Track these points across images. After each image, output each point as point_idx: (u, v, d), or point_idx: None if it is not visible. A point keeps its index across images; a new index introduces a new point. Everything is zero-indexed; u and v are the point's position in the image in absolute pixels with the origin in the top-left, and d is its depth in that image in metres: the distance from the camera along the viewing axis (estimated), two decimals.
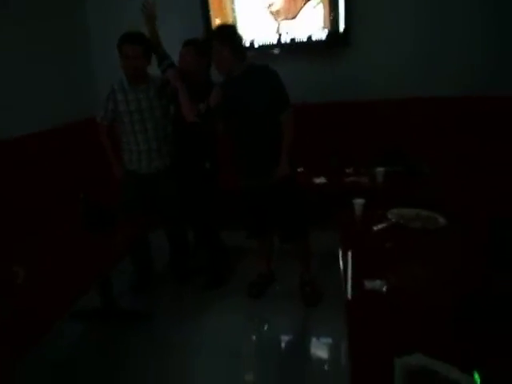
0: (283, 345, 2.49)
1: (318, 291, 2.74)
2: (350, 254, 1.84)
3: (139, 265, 2.94)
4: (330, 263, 2.92)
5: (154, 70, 2.73)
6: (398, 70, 3.34)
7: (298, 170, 3.13)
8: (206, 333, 2.50)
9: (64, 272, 1.90)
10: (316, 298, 2.70)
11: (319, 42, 3.36)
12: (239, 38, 2.43)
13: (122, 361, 2.33)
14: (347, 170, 3.10)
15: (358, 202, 2.18)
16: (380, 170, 2.89)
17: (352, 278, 1.65)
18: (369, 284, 1.56)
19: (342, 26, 3.27)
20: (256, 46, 3.45)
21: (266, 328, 2.62)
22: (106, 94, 2.65)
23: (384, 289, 1.53)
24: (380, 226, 2.02)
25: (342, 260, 1.81)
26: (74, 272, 1.91)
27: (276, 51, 3.44)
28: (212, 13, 3.44)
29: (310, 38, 3.37)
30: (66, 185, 3.16)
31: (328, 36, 3.33)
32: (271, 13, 3.37)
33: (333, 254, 2.61)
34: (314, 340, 2.52)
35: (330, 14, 3.26)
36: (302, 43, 3.41)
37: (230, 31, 2.42)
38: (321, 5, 3.26)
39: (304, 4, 3.29)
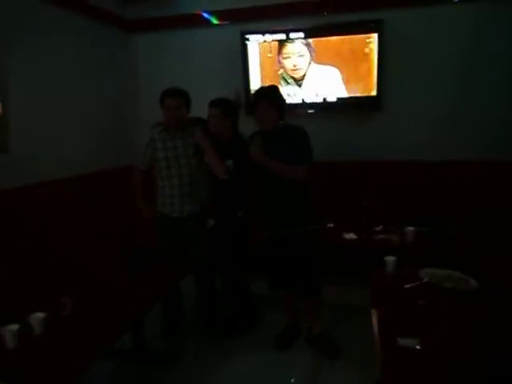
0: None
1: (334, 343, 2.74)
2: (382, 310, 1.88)
3: (170, 309, 2.99)
4: (350, 317, 3.02)
5: None
6: (426, 133, 3.49)
7: (328, 225, 3.23)
8: (227, 380, 2.53)
9: (105, 313, 2.01)
10: (334, 350, 2.69)
11: (351, 104, 3.57)
12: (283, 99, 2.63)
13: None
14: (377, 228, 3.16)
15: (390, 259, 2.23)
16: (410, 229, 2.94)
17: (385, 335, 1.68)
18: (402, 341, 1.59)
19: (374, 91, 3.48)
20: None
21: (287, 380, 2.59)
22: (145, 142, 2.86)
23: (418, 347, 1.56)
24: (412, 284, 2.06)
25: (375, 316, 1.84)
26: (114, 312, 2.02)
27: (310, 111, 3.64)
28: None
29: (341, 99, 3.57)
30: (108, 225, 3.37)
31: (360, 99, 3.53)
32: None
33: (353, 307, 2.73)
34: None
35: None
36: (333, 103, 3.60)
37: (277, 93, 2.61)
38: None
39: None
